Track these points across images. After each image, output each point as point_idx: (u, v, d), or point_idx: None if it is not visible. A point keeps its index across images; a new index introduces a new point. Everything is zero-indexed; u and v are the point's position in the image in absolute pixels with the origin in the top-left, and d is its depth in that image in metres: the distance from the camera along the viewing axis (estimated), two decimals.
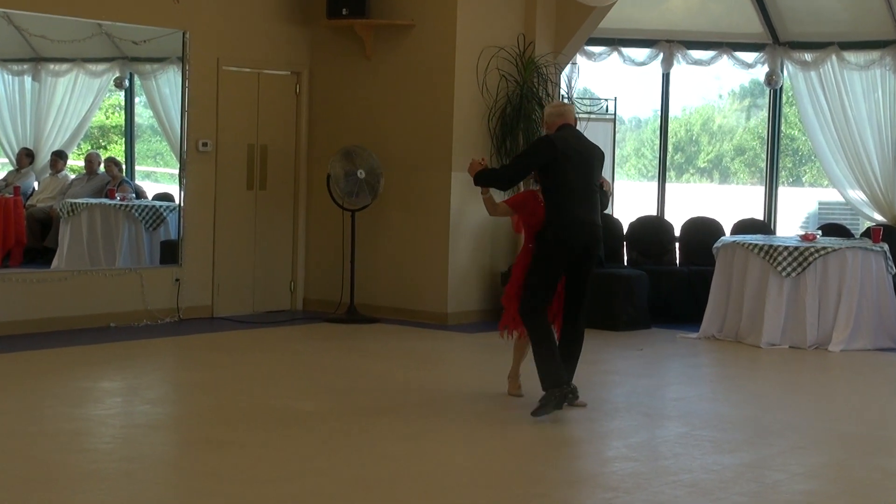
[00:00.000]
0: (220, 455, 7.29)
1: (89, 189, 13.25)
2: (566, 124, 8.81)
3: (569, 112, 8.93)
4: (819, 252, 11.92)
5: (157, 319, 12.35)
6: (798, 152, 16.73)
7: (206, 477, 6.81)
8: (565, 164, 8.58)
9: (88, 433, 7.80)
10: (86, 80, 13.21)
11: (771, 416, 8.83)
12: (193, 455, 7.42)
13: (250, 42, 13.04)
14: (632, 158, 18.14)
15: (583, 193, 8.63)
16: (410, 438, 7.85)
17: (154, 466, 7.12)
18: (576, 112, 9.15)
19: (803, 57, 14.14)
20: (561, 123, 8.79)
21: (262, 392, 9.22)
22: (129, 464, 7.00)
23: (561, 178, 8.59)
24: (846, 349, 11.78)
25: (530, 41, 13.15)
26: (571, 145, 8.66)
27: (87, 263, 12.70)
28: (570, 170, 8.59)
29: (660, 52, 14.41)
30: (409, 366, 10.57)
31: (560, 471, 7.33)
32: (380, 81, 13.17)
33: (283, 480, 6.71)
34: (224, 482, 6.68)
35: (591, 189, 8.69)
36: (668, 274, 13.60)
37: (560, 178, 8.59)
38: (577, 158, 8.64)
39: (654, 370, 10.93)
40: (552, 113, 8.93)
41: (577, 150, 8.67)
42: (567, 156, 8.59)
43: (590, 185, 8.69)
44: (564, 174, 8.58)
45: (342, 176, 12.65)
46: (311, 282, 13.72)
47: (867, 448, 8.01)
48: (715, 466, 7.29)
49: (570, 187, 8.59)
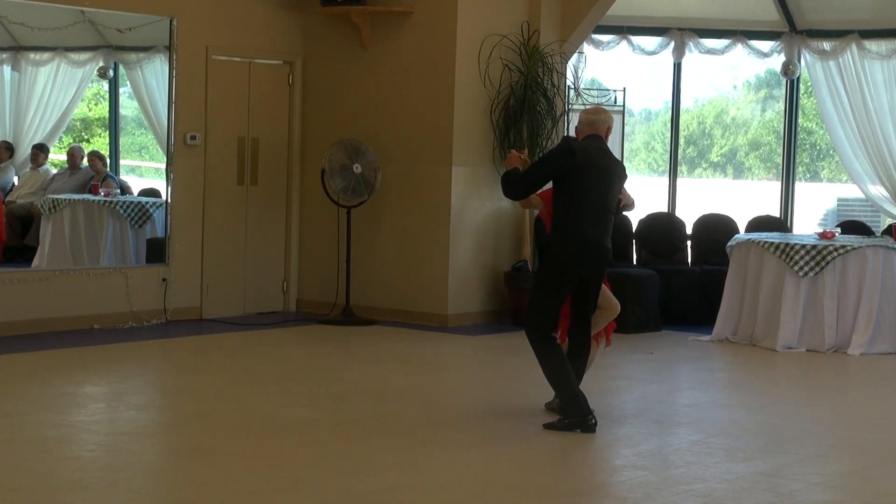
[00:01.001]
0: (209, 464, 7.26)
1: (72, 184, 13.23)
2: (595, 134, 8.42)
3: (600, 122, 8.49)
4: (838, 251, 11.87)
5: (143, 321, 12.31)
6: (816, 146, 16.61)
7: (194, 487, 6.79)
8: (581, 176, 8.19)
9: (71, 440, 7.74)
10: (68, 69, 13.19)
11: (787, 423, 8.78)
12: (181, 464, 7.41)
13: (241, 30, 13.01)
14: (641, 152, 18.22)
15: (595, 211, 8.25)
16: (409, 448, 7.77)
17: (140, 475, 7.07)
18: (611, 122, 8.71)
19: (822, 46, 14.11)
20: (589, 133, 8.43)
21: (252, 398, 9.17)
22: (114, 473, 7.00)
23: (574, 191, 8.21)
24: (866, 353, 11.76)
25: (535, 29, 13.09)
26: (594, 158, 8.26)
27: (69, 262, 12.67)
28: (585, 184, 8.21)
29: (671, 40, 14.38)
30: (407, 370, 10.55)
31: (567, 481, 7.27)
32: (377, 71, 13.11)
33: (275, 491, 6.68)
34: (213, 492, 6.66)
35: (605, 208, 8.31)
36: (680, 273, 13.60)
37: (573, 192, 8.22)
38: (595, 173, 8.25)
39: (664, 375, 10.90)
40: (584, 120, 8.54)
41: (597, 164, 8.27)
42: (585, 168, 8.19)
43: (605, 203, 8.31)
44: (579, 188, 8.20)
45: (338, 171, 12.62)
46: (305, 282, 13.66)
47: (888, 457, 7.96)
48: (728, 475, 7.24)
49: (582, 203, 8.22)
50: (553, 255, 8.25)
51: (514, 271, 12.72)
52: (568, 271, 8.20)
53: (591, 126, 8.44)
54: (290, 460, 7.32)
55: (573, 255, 8.19)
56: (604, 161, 8.31)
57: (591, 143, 8.35)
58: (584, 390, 8.41)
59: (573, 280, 8.24)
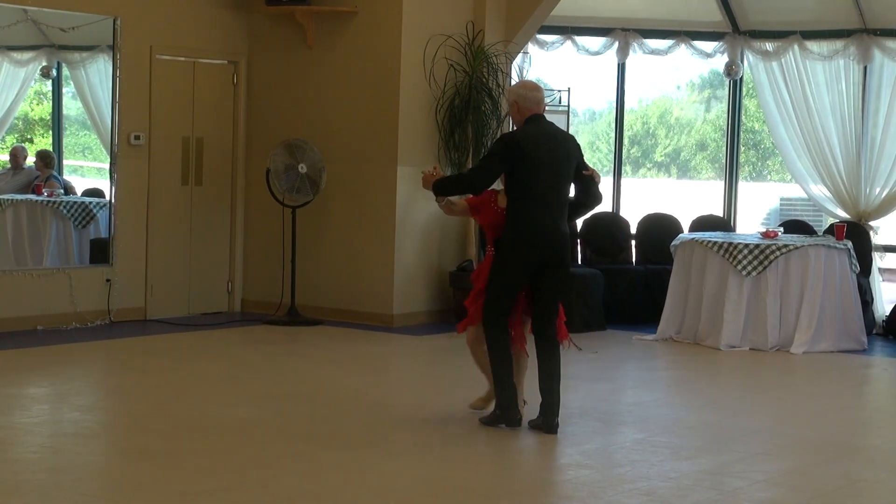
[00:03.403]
0: (154, 465, 7.20)
1: (15, 184, 13.06)
2: (537, 114, 8.13)
3: (543, 100, 8.22)
4: (780, 250, 11.91)
5: (87, 322, 12.23)
6: (760, 145, 16.65)
7: (139, 488, 6.74)
8: (531, 167, 7.96)
9: (14, 442, 7.67)
10: (10, 69, 12.97)
11: (731, 422, 8.80)
12: (125, 465, 7.34)
13: (185, 29, 12.92)
14: (586, 152, 17.78)
15: (548, 199, 8.03)
16: (354, 448, 7.73)
17: (84, 477, 7.01)
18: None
19: (764, 46, 14.09)
20: (535, 112, 8.11)
21: (197, 398, 9.14)
22: (58, 475, 6.94)
23: (525, 182, 7.99)
24: (808, 351, 11.80)
25: (480, 29, 13.08)
26: (541, 144, 8.01)
27: (12, 263, 12.45)
28: (536, 174, 7.97)
29: (615, 40, 14.35)
30: (353, 371, 10.50)
31: (512, 480, 7.28)
32: (322, 71, 13.05)
33: (221, 491, 6.67)
34: (157, 493, 6.61)
35: (558, 194, 8.09)
36: (624, 273, 13.58)
37: (524, 183, 8.00)
38: (546, 160, 8.00)
39: (609, 374, 10.85)
40: (531, 98, 8.14)
41: (546, 150, 8.02)
42: (534, 158, 7.96)
43: (558, 189, 8.09)
44: (529, 178, 7.98)
45: (282, 170, 12.56)
46: (250, 282, 13.60)
47: (831, 454, 7.97)
48: (673, 474, 7.25)
49: (534, 192, 8.00)
50: (507, 241, 8.05)
51: (460, 271, 12.69)
52: (522, 256, 8.00)
53: (539, 104, 8.14)
54: (235, 461, 7.28)
55: (527, 239, 7.99)
56: (552, 143, 8.06)
57: (535, 126, 8.08)
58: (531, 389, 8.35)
59: (529, 266, 8.02)
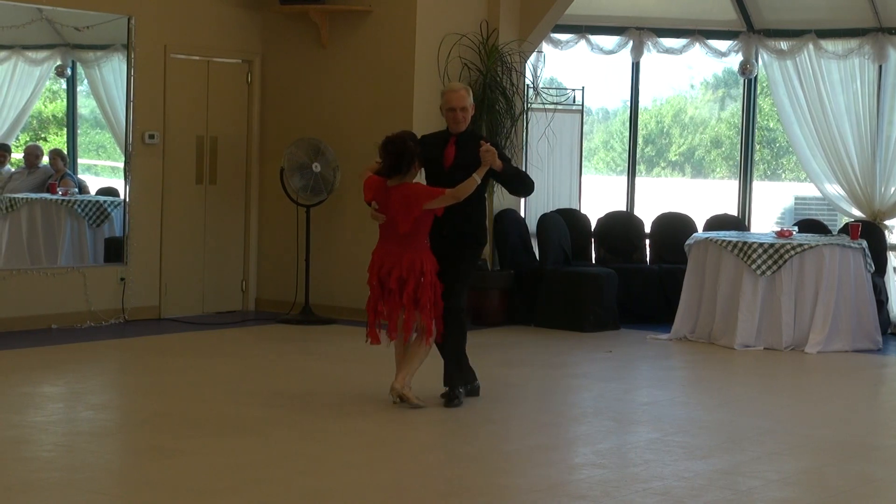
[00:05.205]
0: (168, 464, 7.20)
1: (30, 183, 13.08)
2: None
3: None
4: (795, 249, 11.87)
5: (102, 321, 12.22)
6: (775, 143, 16.60)
7: (154, 487, 6.74)
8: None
9: (29, 441, 7.66)
10: (25, 68, 13.02)
11: (745, 421, 8.77)
12: (140, 464, 7.34)
13: (199, 28, 12.92)
14: (600, 151, 18.21)
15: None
16: (370, 446, 7.74)
17: (98, 476, 7.00)
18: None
19: (779, 45, 14.05)
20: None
21: (212, 397, 9.12)
22: (72, 473, 6.94)
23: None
24: (823, 351, 11.75)
25: (494, 28, 13.06)
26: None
27: (27, 262, 12.53)
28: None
29: (629, 40, 14.31)
30: (367, 369, 10.41)
31: (527, 479, 7.22)
32: (336, 70, 13.04)
33: (235, 490, 6.66)
34: (172, 492, 6.62)
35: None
36: (638, 272, 13.53)
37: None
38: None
39: (623, 373, 10.84)
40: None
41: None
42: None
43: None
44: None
45: (297, 170, 12.55)
46: (264, 281, 13.60)
47: (845, 454, 7.96)
48: (687, 473, 7.24)
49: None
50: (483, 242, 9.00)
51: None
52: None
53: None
54: (249, 460, 7.28)
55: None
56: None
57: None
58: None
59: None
